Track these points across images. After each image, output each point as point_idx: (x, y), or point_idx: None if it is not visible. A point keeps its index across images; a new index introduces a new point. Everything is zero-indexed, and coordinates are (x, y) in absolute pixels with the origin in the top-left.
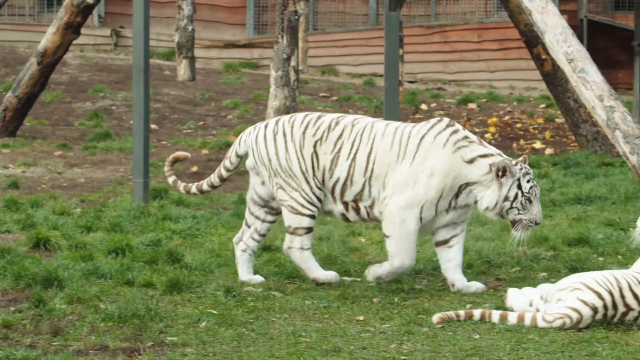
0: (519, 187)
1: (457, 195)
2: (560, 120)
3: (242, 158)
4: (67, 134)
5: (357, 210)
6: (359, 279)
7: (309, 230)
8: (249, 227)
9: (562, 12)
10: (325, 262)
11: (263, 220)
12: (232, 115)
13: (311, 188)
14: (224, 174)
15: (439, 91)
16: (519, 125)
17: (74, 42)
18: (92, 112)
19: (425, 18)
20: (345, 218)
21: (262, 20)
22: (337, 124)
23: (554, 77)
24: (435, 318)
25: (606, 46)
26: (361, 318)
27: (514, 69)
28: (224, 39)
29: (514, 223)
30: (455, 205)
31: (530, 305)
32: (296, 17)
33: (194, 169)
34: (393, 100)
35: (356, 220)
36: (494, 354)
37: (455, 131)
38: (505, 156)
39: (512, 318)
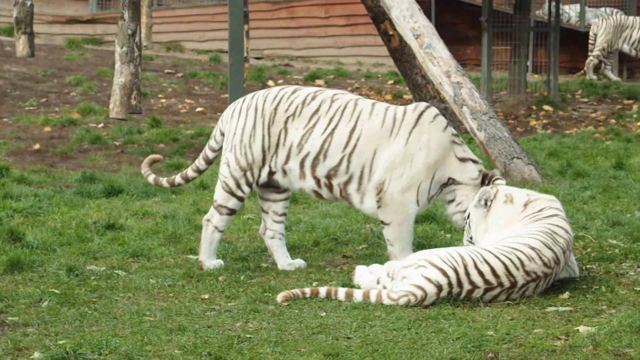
0: None
1: (441, 190)
2: (408, 96)
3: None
4: None
5: (329, 187)
6: None
7: (231, 212)
8: (266, 212)
9: None
10: (170, 241)
11: (275, 200)
12: (75, 92)
13: (262, 168)
14: (210, 155)
15: (286, 67)
16: None
17: None
18: None
19: None
20: (318, 195)
21: None
22: (313, 98)
23: (401, 53)
24: (280, 296)
25: (454, 22)
26: (206, 296)
27: (361, 45)
28: (66, 15)
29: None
30: (434, 196)
31: (378, 282)
32: None
33: (37, 146)
34: (238, 76)
35: (329, 197)
36: (341, 331)
37: (449, 124)
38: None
39: (358, 295)
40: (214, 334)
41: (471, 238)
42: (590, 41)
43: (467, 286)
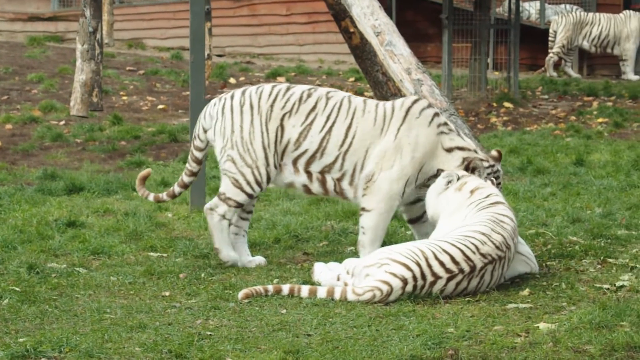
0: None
1: (429, 180)
2: (369, 93)
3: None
4: None
5: (322, 181)
6: (165, 255)
7: (239, 205)
8: None
9: None
10: (131, 238)
11: None
12: (37, 90)
13: (267, 166)
14: (199, 155)
15: (247, 65)
16: None
17: None
18: None
19: None
20: (307, 189)
21: None
22: (309, 95)
23: (362, 50)
24: (241, 294)
25: (415, 20)
26: (167, 294)
27: (323, 42)
28: (28, 12)
29: None
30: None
31: (338, 279)
32: None
33: None
34: (199, 74)
35: (319, 192)
36: (301, 328)
37: (437, 114)
38: (480, 152)
39: (322, 292)
40: (175, 331)
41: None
42: (550, 38)
43: (430, 278)
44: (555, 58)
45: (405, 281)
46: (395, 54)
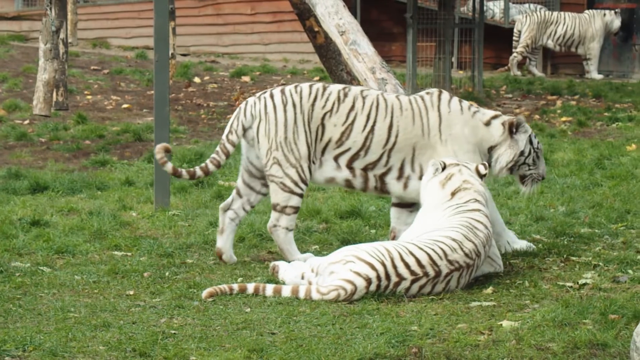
0: (531, 142)
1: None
2: None
3: (247, 130)
4: None
5: (365, 178)
6: (129, 254)
7: (296, 210)
8: (240, 196)
9: None
10: (95, 237)
11: (258, 192)
12: (1, 89)
13: (309, 165)
14: (230, 149)
15: (212, 64)
16: None
17: None
18: None
19: None
20: (348, 184)
21: None
22: (345, 95)
23: (326, 49)
24: (205, 292)
25: (379, 19)
26: (131, 292)
27: (287, 41)
28: None
29: (523, 178)
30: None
31: (302, 278)
32: None
33: None
34: (163, 73)
35: (361, 188)
36: (265, 327)
37: (461, 101)
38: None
39: (286, 291)
40: (139, 330)
41: None
42: (514, 38)
43: (394, 278)
44: (519, 57)
45: (369, 281)
46: (360, 53)
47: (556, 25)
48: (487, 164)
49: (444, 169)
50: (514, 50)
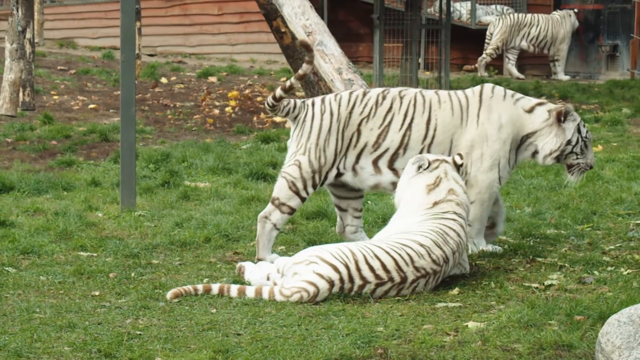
0: (579, 131)
1: (517, 151)
2: (300, 93)
3: None
4: None
5: None
6: (95, 254)
7: (292, 211)
8: (345, 210)
9: None
10: (61, 238)
11: (355, 197)
12: None
13: (329, 170)
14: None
15: (179, 64)
16: (259, 98)
17: None
18: None
19: None
20: (395, 186)
21: None
22: (384, 98)
23: (293, 50)
24: (170, 293)
25: (347, 19)
26: (97, 293)
27: (254, 42)
28: None
29: (570, 167)
30: (514, 163)
31: (268, 278)
32: None
33: None
34: (129, 73)
35: None
36: (231, 327)
37: (504, 88)
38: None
39: (250, 292)
40: (104, 330)
41: None
42: (487, 40)
43: (358, 281)
44: (488, 59)
45: (332, 283)
46: (327, 53)
47: (530, 27)
48: (462, 155)
49: (428, 166)
50: (484, 52)
